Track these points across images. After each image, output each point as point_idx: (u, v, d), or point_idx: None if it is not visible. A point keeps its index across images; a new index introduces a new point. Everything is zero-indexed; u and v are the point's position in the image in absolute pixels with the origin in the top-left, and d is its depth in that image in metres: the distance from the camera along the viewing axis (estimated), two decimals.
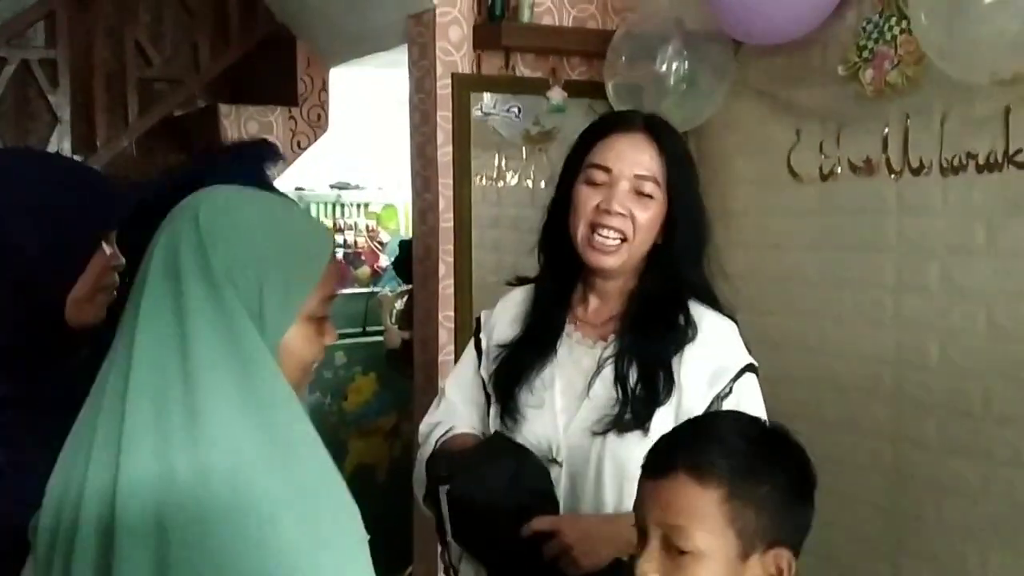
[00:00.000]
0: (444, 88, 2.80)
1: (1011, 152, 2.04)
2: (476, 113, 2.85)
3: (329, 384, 4.21)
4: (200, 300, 0.98)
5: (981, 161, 2.11)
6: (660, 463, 1.11)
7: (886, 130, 2.33)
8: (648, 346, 1.51)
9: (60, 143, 3.70)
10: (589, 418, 1.51)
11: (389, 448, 4.22)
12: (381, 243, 4.35)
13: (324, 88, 4.02)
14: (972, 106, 2.12)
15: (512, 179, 3.16)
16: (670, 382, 1.50)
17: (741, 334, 1.59)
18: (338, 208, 4.29)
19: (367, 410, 4.16)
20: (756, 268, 2.71)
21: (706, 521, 1.06)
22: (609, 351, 1.54)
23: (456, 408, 1.67)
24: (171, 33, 4.04)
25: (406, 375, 3.28)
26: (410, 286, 3.19)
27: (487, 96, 2.89)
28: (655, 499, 1.10)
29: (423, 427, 1.67)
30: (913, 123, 2.27)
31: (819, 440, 2.49)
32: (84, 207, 1.32)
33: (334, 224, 4.27)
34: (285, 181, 4.28)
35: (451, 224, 2.82)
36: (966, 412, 2.17)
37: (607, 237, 1.49)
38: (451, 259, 2.84)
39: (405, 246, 3.43)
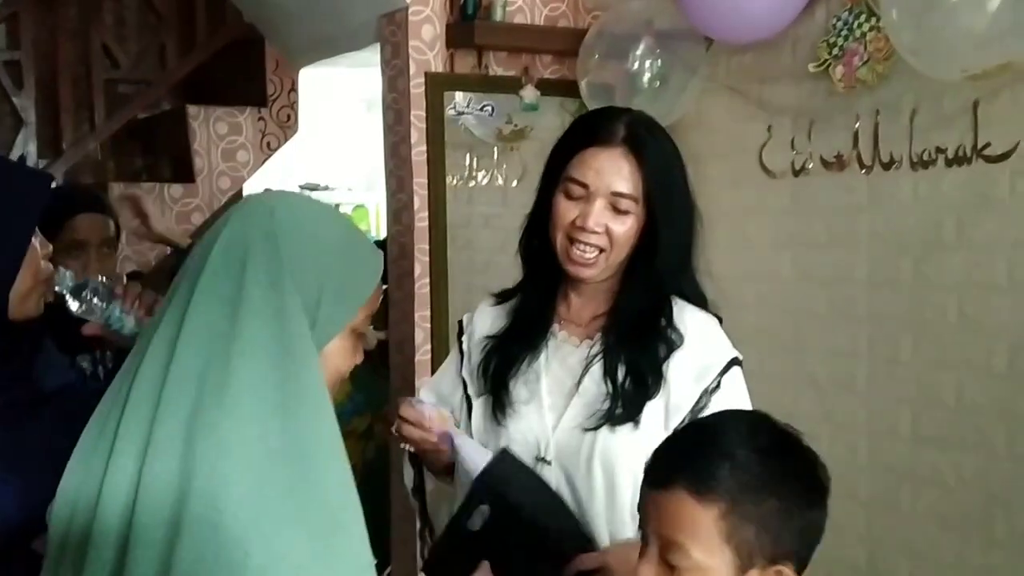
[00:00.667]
0: (417, 87, 2.79)
1: (980, 146, 2.08)
2: (449, 112, 2.85)
3: None
4: (260, 290, 0.99)
5: (950, 155, 2.14)
6: (660, 474, 1.10)
7: (857, 126, 2.35)
8: (636, 347, 1.51)
9: (25, 146, 3.64)
10: (579, 415, 1.51)
11: (363, 450, 4.18)
12: None
13: (293, 89, 3.99)
14: (941, 101, 2.15)
15: (484, 178, 3.16)
16: (658, 377, 1.50)
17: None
18: None
19: (340, 412, 4.02)
20: (729, 264, 2.71)
21: (701, 538, 1.05)
22: (596, 348, 1.54)
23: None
24: (138, 34, 3.99)
25: (382, 376, 3.27)
26: (385, 286, 3.18)
27: (460, 95, 2.89)
28: (655, 510, 1.09)
29: None
30: (883, 118, 2.29)
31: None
32: (15, 201, 1.32)
33: None
34: (255, 183, 4.24)
35: (426, 223, 2.81)
36: (939, 403, 2.20)
37: (583, 251, 1.49)
38: (426, 259, 2.83)
39: (380, 246, 3.42)
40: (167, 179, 3.86)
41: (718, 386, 1.52)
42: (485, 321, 1.65)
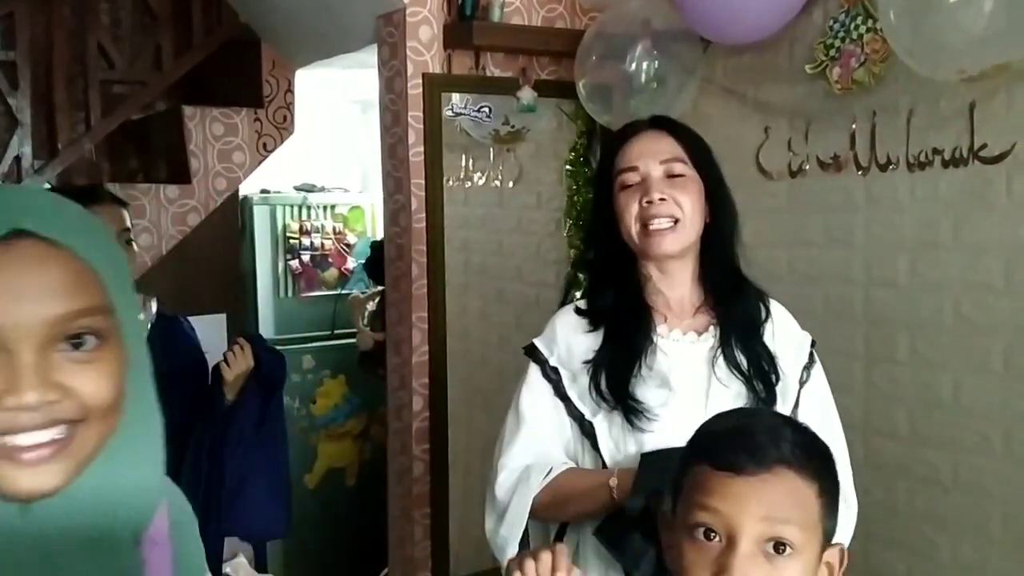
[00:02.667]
0: (415, 88, 2.79)
1: (976, 147, 2.09)
2: (446, 113, 2.85)
3: (298, 387, 4.18)
4: None
5: (947, 156, 2.15)
6: (751, 457, 1.03)
7: (853, 127, 2.37)
8: (745, 329, 1.56)
9: (20, 146, 3.62)
10: (726, 405, 1.46)
11: (359, 451, 4.20)
12: (348, 245, 4.31)
13: (290, 90, 3.98)
14: (937, 103, 2.16)
15: (480, 179, 3.16)
16: (772, 359, 1.56)
17: None
18: (304, 210, 4.24)
19: (336, 413, 4.13)
20: None
21: (808, 516, 1.03)
22: (715, 341, 1.55)
23: (542, 442, 1.55)
24: (133, 35, 3.98)
25: (379, 377, 3.27)
26: (381, 287, 3.17)
27: (456, 96, 2.89)
28: (755, 496, 1.02)
29: (506, 471, 1.54)
30: (880, 120, 2.31)
31: None
32: None
33: (300, 227, 4.23)
34: (251, 183, 4.23)
35: (423, 225, 2.81)
36: (935, 403, 2.21)
37: (660, 224, 1.52)
38: (424, 260, 2.83)
39: (376, 247, 3.42)
40: (163, 180, 3.84)
41: (813, 360, 1.62)
42: (579, 343, 1.57)
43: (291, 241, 4.23)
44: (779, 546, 1.01)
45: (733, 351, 1.54)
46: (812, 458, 1.05)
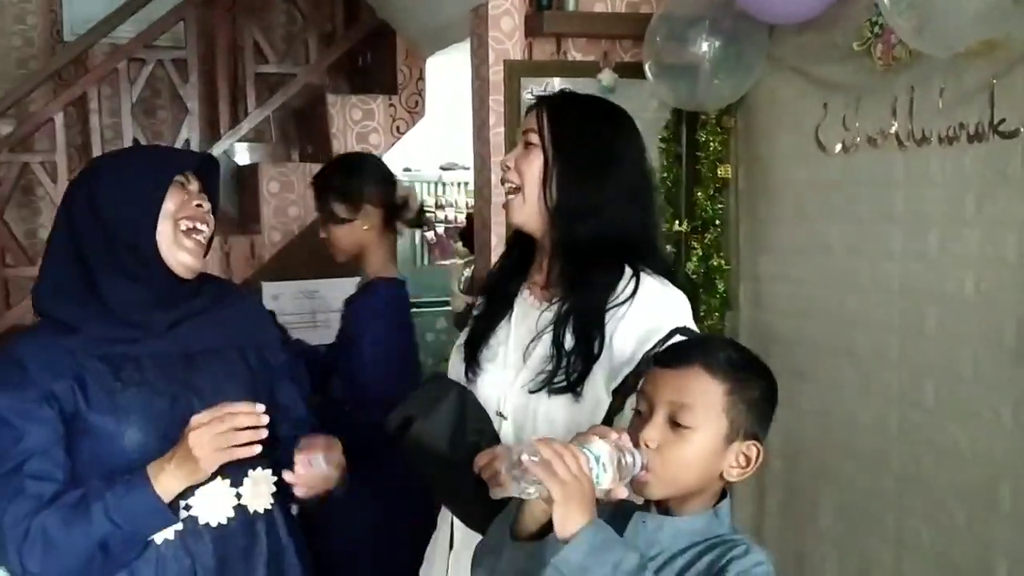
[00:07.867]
0: (496, 74, 3.04)
1: (995, 122, 2.09)
2: (526, 96, 3.07)
3: (432, 346, 4.55)
4: None
5: (971, 132, 2.16)
6: (679, 357, 1.35)
7: (895, 104, 2.39)
8: (581, 304, 1.58)
9: (189, 131, 4.20)
10: (527, 377, 1.59)
11: None
12: None
13: (421, 77, 4.34)
14: (963, 78, 2.17)
15: None
16: (601, 341, 1.55)
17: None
18: (440, 187, 4.60)
19: None
20: (789, 239, 2.82)
21: (710, 404, 1.30)
22: (550, 313, 1.61)
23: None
24: (284, 32, 4.50)
25: None
26: (472, 256, 3.46)
27: (539, 80, 3.10)
28: (670, 383, 1.32)
29: None
30: (917, 96, 2.32)
31: (838, 404, 2.60)
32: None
33: (436, 202, 4.59)
34: (393, 162, 4.64)
35: (502, 199, 3.05)
36: (958, 377, 2.23)
37: (506, 192, 1.69)
38: (503, 231, 3.07)
39: (470, 218, 3.71)
40: (309, 159, 4.31)
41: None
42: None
43: (427, 215, 4.61)
44: (675, 424, 1.31)
45: (563, 329, 1.58)
46: (729, 367, 1.32)
